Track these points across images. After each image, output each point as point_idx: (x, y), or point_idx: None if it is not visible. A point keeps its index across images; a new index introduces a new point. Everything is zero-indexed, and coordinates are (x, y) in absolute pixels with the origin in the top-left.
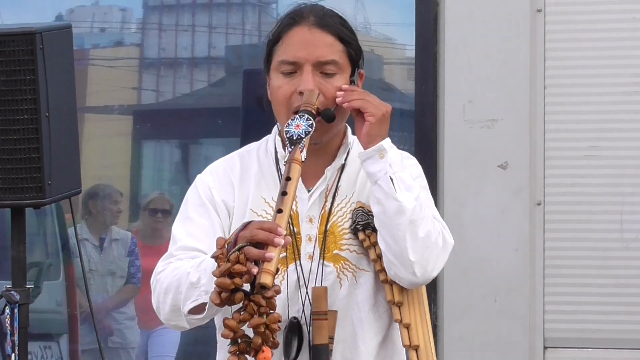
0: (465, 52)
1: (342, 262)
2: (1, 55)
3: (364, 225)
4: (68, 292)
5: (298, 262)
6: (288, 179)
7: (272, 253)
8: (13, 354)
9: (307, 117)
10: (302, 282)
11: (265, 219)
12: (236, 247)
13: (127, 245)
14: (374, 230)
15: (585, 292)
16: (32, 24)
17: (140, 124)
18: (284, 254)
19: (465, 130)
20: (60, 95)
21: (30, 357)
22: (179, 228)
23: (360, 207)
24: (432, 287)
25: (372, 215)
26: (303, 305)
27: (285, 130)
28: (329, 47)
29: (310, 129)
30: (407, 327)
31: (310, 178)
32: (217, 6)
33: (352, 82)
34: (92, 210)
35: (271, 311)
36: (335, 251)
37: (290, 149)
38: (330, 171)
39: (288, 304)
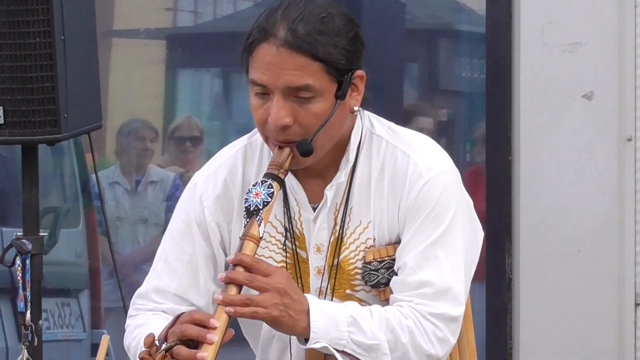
0: None
1: (357, 302)
2: None
3: (373, 285)
4: (89, 241)
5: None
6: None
7: (205, 353)
8: (27, 311)
9: (269, 184)
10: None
11: (269, 242)
12: (164, 346)
13: (166, 188)
14: (387, 284)
15: None
16: None
17: (175, 50)
18: None
19: (544, 55)
20: (78, 15)
21: (45, 315)
22: (162, 247)
23: (368, 263)
24: (507, 237)
25: (382, 269)
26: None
27: (245, 198)
28: (301, 70)
29: (269, 199)
30: None
31: (316, 191)
32: None
33: (337, 98)
34: (125, 149)
35: None
36: (348, 291)
37: (246, 222)
38: (331, 191)
39: (290, 345)
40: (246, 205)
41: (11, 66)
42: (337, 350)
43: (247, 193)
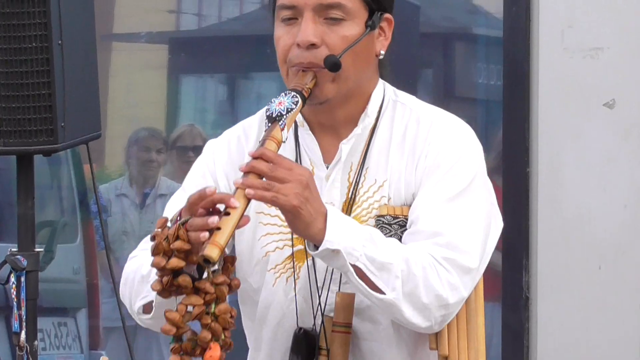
0: None
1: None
2: None
3: None
4: (87, 257)
5: (311, 258)
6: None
7: (218, 218)
8: (21, 331)
9: (294, 95)
10: (316, 283)
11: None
12: (178, 221)
13: None
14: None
15: None
16: None
17: (178, 55)
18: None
19: (564, 60)
20: (76, 18)
21: (41, 335)
22: (170, 202)
23: (381, 216)
24: (524, 253)
25: (395, 224)
26: (315, 312)
27: (266, 109)
28: None
29: (293, 106)
30: (445, 357)
31: (330, 148)
32: None
33: (368, 28)
34: (133, 160)
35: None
36: None
37: (267, 126)
38: (347, 145)
39: (297, 310)
40: (268, 113)
41: (6, 72)
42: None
43: (268, 104)
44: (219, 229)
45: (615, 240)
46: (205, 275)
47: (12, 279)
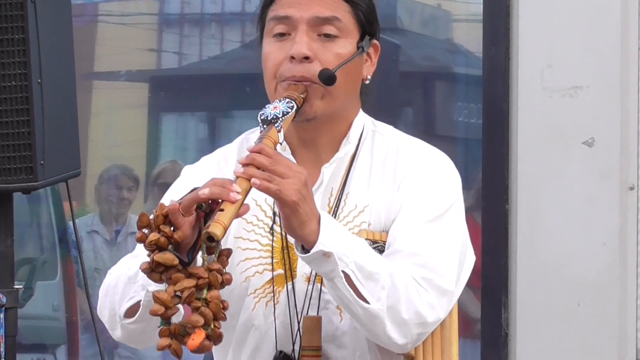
0: (543, 5)
1: None
2: None
3: None
4: (67, 294)
5: (291, 283)
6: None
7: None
8: None
9: (288, 101)
10: (295, 308)
11: (256, 226)
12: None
13: None
14: None
15: None
16: None
17: (158, 93)
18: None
19: (544, 99)
20: (56, 58)
21: None
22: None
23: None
24: (503, 290)
25: (375, 249)
26: (294, 337)
27: (260, 114)
28: (331, 4)
29: (289, 110)
30: None
31: (311, 172)
32: None
33: (359, 48)
34: (104, 198)
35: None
36: None
37: (262, 128)
38: (329, 169)
39: (276, 335)
40: (262, 117)
41: None
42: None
43: (261, 112)
44: (221, 210)
45: (595, 279)
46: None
47: None
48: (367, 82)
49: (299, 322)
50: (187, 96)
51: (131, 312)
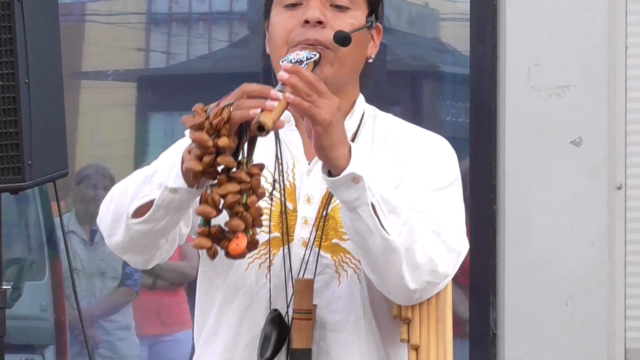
0: (530, 4)
1: (342, 254)
2: None
3: None
4: (55, 294)
5: (287, 247)
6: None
7: (275, 103)
8: None
9: (309, 51)
10: (291, 272)
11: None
12: (224, 104)
13: None
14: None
15: None
16: None
17: (146, 93)
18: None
19: (531, 98)
20: (43, 58)
21: None
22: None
23: None
24: (491, 289)
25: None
26: (288, 300)
27: (281, 60)
28: None
29: (312, 56)
30: (416, 349)
31: (310, 148)
32: None
33: (368, 22)
34: (80, 197)
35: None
36: (335, 240)
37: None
38: None
39: (270, 296)
40: (285, 62)
41: None
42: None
43: (281, 62)
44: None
45: (583, 278)
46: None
47: None
48: (371, 60)
49: (293, 286)
50: (175, 95)
51: (141, 211)
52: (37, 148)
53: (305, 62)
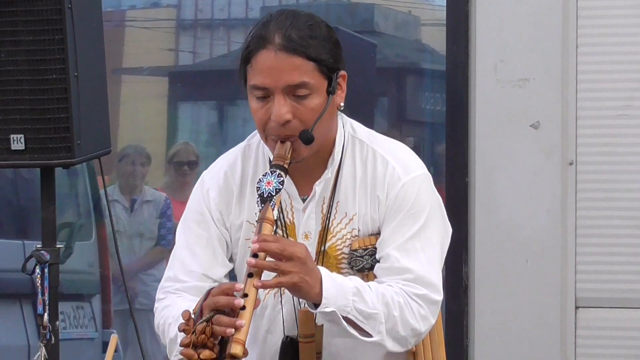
0: (496, 10)
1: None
2: (29, 15)
3: (359, 269)
4: (100, 252)
5: None
6: (255, 255)
7: (243, 320)
8: (45, 313)
9: (279, 174)
10: (299, 301)
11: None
12: (203, 318)
13: (159, 206)
14: (370, 269)
15: (617, 252)
16: None
17: (176, 86)
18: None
19: (497, 90)
20: (89, 54)
21: (62, 317)
22: (180, 238)
23: (354, 250)
24: (464, 249)
25: (366, 255)
26: (298, 328)
27: (257, 187)
28: (298, 70)
29: (280, 186)
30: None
31: (305, 185)
32: None
33: (329, 93)
34: (121, 172)
35: None
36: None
37: (260, 207)
38: (320, 186)
39: (283, 322)
40: (259, 192)
41: (31, 99)
42: (342, 317)
43: (258, 182)
44: (243, 308)
45: (540, 239)
46: None
47: (37, 270)
48: (341, 108)
49: (297, 317)
50: (200, 88)
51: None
52: (85, 130)
53: (274, 195)
